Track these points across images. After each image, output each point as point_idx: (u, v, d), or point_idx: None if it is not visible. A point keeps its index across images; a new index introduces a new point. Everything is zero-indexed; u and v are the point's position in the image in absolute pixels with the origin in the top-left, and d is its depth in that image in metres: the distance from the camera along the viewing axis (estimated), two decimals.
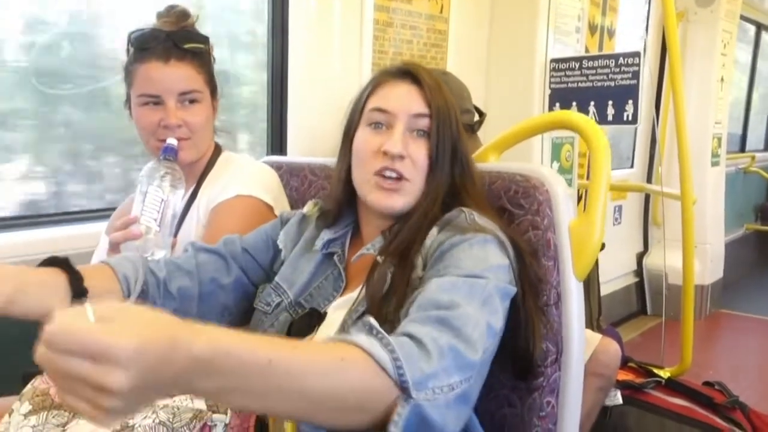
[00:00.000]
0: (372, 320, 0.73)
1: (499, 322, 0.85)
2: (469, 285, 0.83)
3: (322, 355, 0.65)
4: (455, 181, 1.03)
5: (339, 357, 0.65)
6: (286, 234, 1.18)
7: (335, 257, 1.08)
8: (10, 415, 0.76)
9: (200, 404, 0.74)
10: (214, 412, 0.74)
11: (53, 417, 0.74)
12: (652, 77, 3.76)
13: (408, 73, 1.04)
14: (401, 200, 1.00)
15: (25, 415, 0.75)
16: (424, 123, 1.01)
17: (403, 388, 0.67)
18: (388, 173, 0.99)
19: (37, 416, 0.74)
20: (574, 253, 1.08)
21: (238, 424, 0.75)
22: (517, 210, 1.11)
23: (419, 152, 1.00)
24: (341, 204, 1.11)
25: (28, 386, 0.80)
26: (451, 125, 1.02)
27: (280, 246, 1.18)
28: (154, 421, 0.71)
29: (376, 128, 1.02)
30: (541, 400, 1.04)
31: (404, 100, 1.01)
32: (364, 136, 1.03)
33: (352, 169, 1.06)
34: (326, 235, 1.11)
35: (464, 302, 0.79)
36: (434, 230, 0.96)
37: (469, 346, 0.75)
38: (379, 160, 1.00)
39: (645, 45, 3.75)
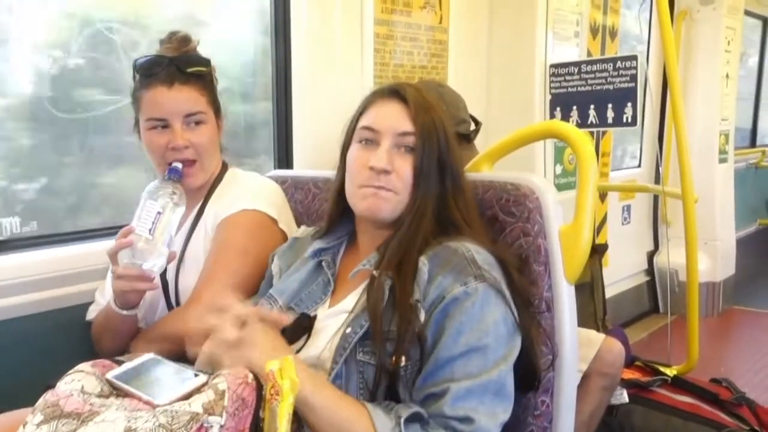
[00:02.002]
0: (403, 419, 0.90)
1: (508, 406, 0.97)
2: (482, 386, 0.93)
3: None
4: (446, 193, 1.07)
5: None
6: (280, 258, 1.26)
7: (323, 264, 1.14)
8: (24, 427, 0.81)
9: (197, 407, 0.79)
10: (210, 414, 0.79)
11: (63, 425, 0.79)
12: (654, 77, 3.77)
13: (396, 93, 1.09)
14: (387, 207, 1.06)
15: (37, 425, 0.80)
16: (410, 140, 1.06)
17: None
18: (374, 186, 1.05)
19: (48, 425, 0.79)
20: (565, 257, 1.12)
21: (233, 426, 0.80)
22: (508, 218, 1.15)
23: (405, 167, 1.05)
24: (334, 216, 1.18)
25: (40, 399, 0.85)
26: (438, 141, 1.07)
27: (274, 271, 1.25)
28: (154, 424, 0.75)
29: (366, 145, 1.08)
30: (535, 400, 1.08)
31: (391, 119, 1.07)
32: (354, 152, 1.10)
33: (345, 183, 1.12)
34: (317, 244, 1.17)
35: (480, 412, 0.91)
36: (424, 259, 1.00)
37: None
38: (366, 175, 1.06)
39: (648, 45, 3.77)
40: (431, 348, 0.95)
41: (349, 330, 1.00)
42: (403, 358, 0.95)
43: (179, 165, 1.32)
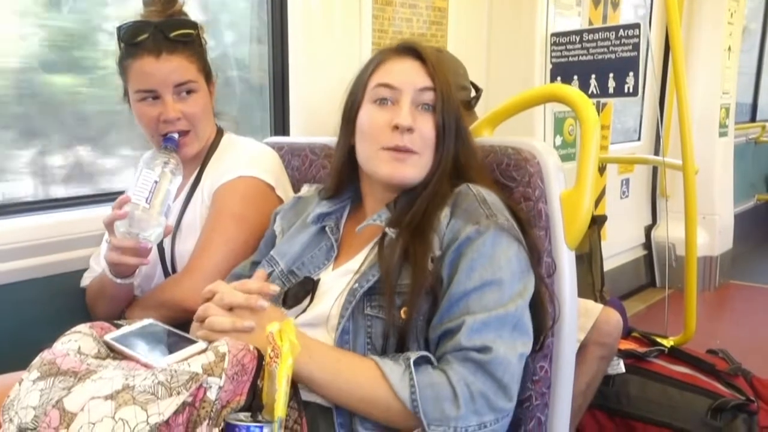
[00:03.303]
0: (412, 360, 0.89)
1: (528, 341, 0.96)
2: (500, 319, 0.91)
3: (362, 386, 0.90)
4: (459, 155, 1.06)
5: (369, 389, 0.90)
6: (282, 218, 1.24)
7: (327, 229, 1.12)
8: (20, 384, 0.81)
9: (197, 368, 0.78)
10: (209, 375, 0.78)
11: (59, 382, 0.79)
12: (656, 48, 3.72)
13: (410, 50, 1.06)
14: (411, 171, 1.03)
15: (34, 381, 0.79)
16: (429, 97, 1.03)
17: (422, 421, 0.87)
18: (397, 148, 1.02)
19: (45, 381, 0.79)
20: (566, 222, 1.11)
21: (231, 389, 0.79)
22: (509, 182, 1.14)
23: (426, 125, 1.03)
24: (343, 180, 1.15)
25: (36, 358, 0.84)
26: (453, 100, 1.05)
27: (277, 231, 1.23)
28: (153, 382, 0.75)
29: (382, 104, 1.04)
30: (534, 365, 1.08)
31: (409, 75, 1.04)
32: (370, 113, 1.05)
33: (357, 146, 1.08)
34: (319, 208, 1.15)
35: (498, 342, 0.90)
36: (447, 210, 0.99)
37: (501, 391, 0.89)
38: (388, 135, 1.02)
39: (650, 15, 3.71)
40: (446, 288, 0.94)
41: (356, 285, 0.99)
42: (413, 312, 0.94)
43: (176, 134, 1.30)
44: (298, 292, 1.06)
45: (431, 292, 0.95)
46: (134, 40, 1.28)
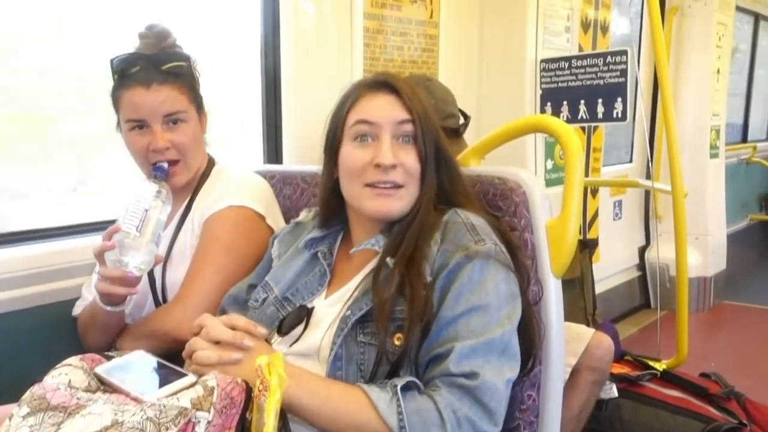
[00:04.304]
0: (398, 386, 0.90)
1: (515, 365, 0.97)
2: (487, 345, 0.92)
3: (351, 414, 0.90)
4: (443, 181, 1.07)
5: (358, 416, 0.90)
6: (281, 242, 1.25)
7: (319, 254, 1.13)
8: (10, 419, 0.81)
9: (185, 402, 0.79)
10: (198, 409, 0.78)
11: (49, 417, 0.79)
12: (645, 73, 3.77)
13: (384, 84, 1.07)
14: (398, 204, 1.04)
15: (24, 417, 0.80)
16: (409, 128, 1.04)
17: None
18: (382, 184, 1.03)
19: (35, 417, 0.79)
20: (552, 251, 1.12)
21: (220, 423, 0.80)
22: (495, 212, 1.15)
23: (408, 158, 1.04)
24: (331, 211, 1.16)
25: (27, 392, 0.84)
26: (432, 128, 1.06)
27: (274, 255, 1.24)
28: (141, 418, 0.75)
29: (362, 141, 1.05)
30: (522, 394, 1.08)
31: (386, 109, 1.04)
32: (351, 151, 1.06)
33: (342, 183, 1.09)
34: (312, 234, 1.16)
35: (485, 368, 0.91)
36: (437, 237, 1.01)
37: (487, 416, 0.91)
38: (371, 173, 1.03)
39: (640, 40, 3.77)
40: (435, 313, 0.95)
41: (348, 312, 1.00)
42: (410, 340, 0.94)
43: (165, 164, 1.32)
44: (293, 320, 1.07)
45: (424, 319, 0.95)
46: (126, 72, 1.31)
